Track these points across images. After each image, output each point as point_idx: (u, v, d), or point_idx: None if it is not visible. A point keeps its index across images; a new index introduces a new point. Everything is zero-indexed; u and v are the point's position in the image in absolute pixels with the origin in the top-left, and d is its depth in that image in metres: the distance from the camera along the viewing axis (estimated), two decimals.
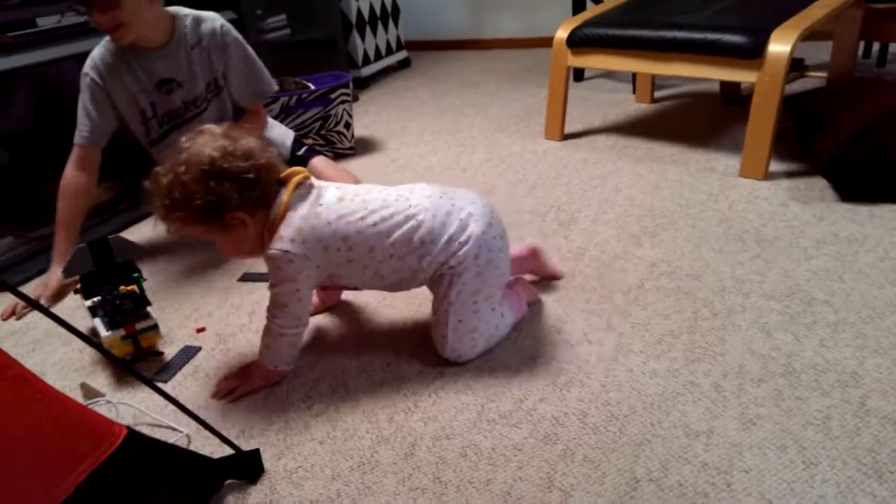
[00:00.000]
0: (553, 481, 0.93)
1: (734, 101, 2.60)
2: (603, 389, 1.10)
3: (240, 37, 1.60)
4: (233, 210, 1.04)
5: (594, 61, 2.18)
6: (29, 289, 1.61)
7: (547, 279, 1.43)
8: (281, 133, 1.91)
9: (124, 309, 1.22)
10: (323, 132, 2.35)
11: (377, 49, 3.61)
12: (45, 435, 0.78)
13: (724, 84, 2.64)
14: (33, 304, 0.80)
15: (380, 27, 3.61)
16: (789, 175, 1.87)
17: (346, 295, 1.45)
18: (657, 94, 2.74)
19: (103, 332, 1.22)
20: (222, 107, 1.65)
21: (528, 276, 1.42)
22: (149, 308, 1.27)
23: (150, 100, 1.57)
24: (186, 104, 1.61)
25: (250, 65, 1.63)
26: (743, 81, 1.93)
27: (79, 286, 1.33)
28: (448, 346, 1.16)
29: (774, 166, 1.91)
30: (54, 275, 1.51)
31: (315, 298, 1.38)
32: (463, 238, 1.11)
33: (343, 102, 2.35)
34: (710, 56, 1.89)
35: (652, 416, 1.03)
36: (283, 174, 1.09)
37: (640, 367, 1.14)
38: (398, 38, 3.83)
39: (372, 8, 3.50)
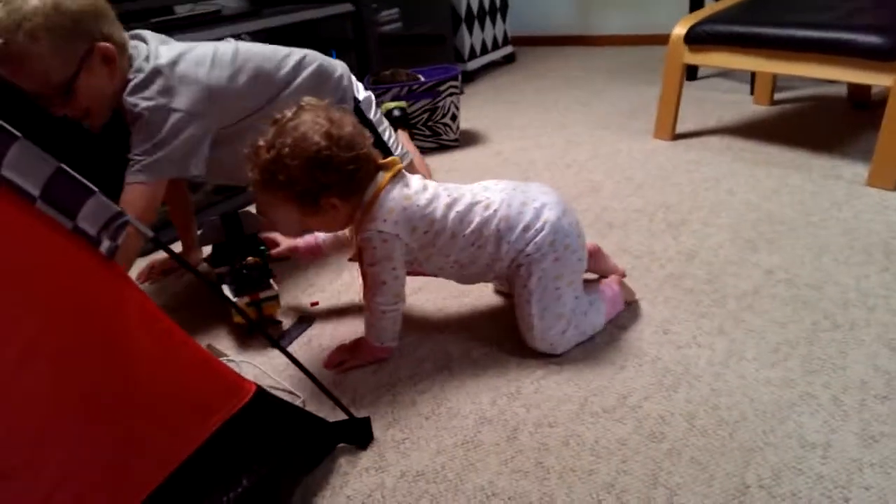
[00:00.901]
0: (658, 479, 0.92)
1: (863, 105, 2.44)
2: (713, 393, 1.08)
3: (151, 120, 1.25)
4: (330, 196, 1.08)
5: (713, 59, 2.11)
6: (144, 264, 1.75)
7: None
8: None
9: (251, 278, 1.31)
10: (430, 123, 2.40)
11: (483, 43, 3.64)
12: (187, 384, 0.86)
13: (852, 87, 2.48)
14: (183, 264, 0.88)
15: (487, 21, 3.64)
16: None
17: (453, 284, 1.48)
18: (777, 95, 2.61)
19: (231, 297, 1.31)
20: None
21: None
22: (271, 279, 1.35)
23: None
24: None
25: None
26: (877, 85, 1.81)
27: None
28: (537, 335, 1.17)
29: None
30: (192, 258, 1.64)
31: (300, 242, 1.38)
32: (538, 225, 1.14)
33: (451, 95, 2.39)
34: (841, 57, 1.79)
35: (765, 424, 1.00)
36: (381, 161, 1.14)
37: (753, 375, 1.11)
38: (504, 33, 3.85)
39: (481, 2, 3.53)
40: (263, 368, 1.24)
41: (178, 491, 0.81)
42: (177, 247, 1.67)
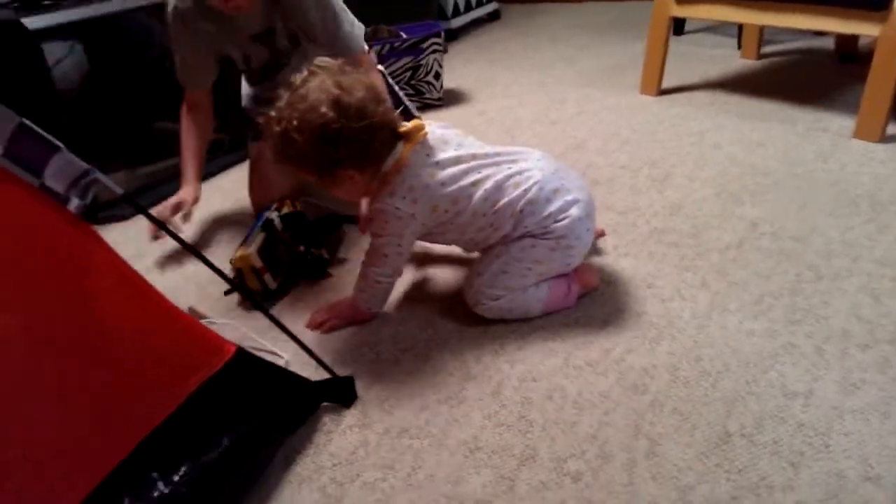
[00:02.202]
0: (640, 429, 0.93)
1: (850, 58, 2.41)
2: (695, 345, 1.08)
3: None
4: (343, 168, 1.04)
5: (700, 11, 2.06)
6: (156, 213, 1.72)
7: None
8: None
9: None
10: (413, 82, 2.35)
11: (467, 1, 3.56)
12: (163, 344, 0.84)
13: (839, 40, 2.45)
14: (162, 226, 0.86)
15: None
16: None
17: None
18: (764, 49, 2.57)
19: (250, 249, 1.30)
20: (307, 60, 1.47)
21: None
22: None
23: (244, 52, 1.50)
24: (272, 60, 1.52)
25: (329, 21, 1.43)
26: (865, 35, 1.78)
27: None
28: (474, 284, 1.14)
29: (893, 129, 1.77)
30: (188, 190, 1.52)
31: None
32: (561, 217, 1.10)
33: (434, 52, 2.34)
34: (829, 6, 1.76)
35: (747, 374, 1.00)
36: (401, 129, 1.07)
37: (735, 326, 1.11)
38: None
39: None
40: (246, 330, 1.23)
41: (157, 451, 0.81)
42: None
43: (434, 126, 1.14)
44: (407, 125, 1.08)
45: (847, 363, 1.01)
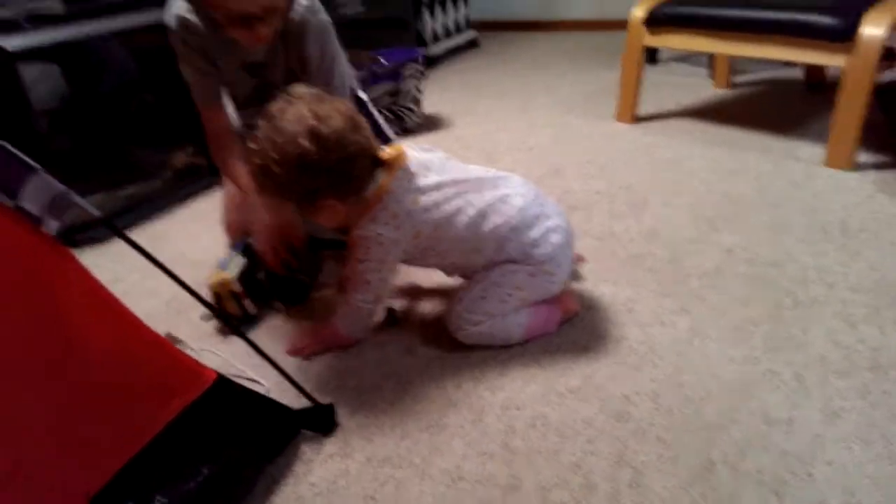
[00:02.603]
0: (624, 457, 0.92)
1: (818, 88, 2.48)
2: (676, 371, 1.08)
3: (325, 32, 1.37)
4: (323, 198, 1.03)
5: (673, 41, 2.11)
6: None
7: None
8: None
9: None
10: (393, 107, 2.36)
11: (446, 28, 3.60)
12: (143, 371, 0.82)
13: (808, 70, 2.53)
14: (140, 250, 0.84)
15: (449, 5, 3.60)
16: (877, 167, 1.79)
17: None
18: (735, 79, 2.64)
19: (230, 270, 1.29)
20: None
21: None
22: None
23: (231, 79, 1.44)
24: (258, 90, 1.46)
25: (325, 68, 1.38)
26: (831, 66, 1.84)
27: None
28: (454, 311, 1.14)
29: (862, 157, 1.83)
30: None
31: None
32: (542, 244, 1.11)
33: (413, 77, 2.36)
34: (797, 38, 1.81)
35: (729, 402, 1.00)
36: (382, 155, 1.07)
37: (716, 353, 1.11)
38: (467, 18, 3.81)
39: None
40: (226, 356, 1.20)
41: (135, 480, 0.78)
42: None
43: (416, 150, 1.13)
44: (388, 151, 1.08)
45: (827, 390, 1.02)
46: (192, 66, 1.36)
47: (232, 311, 1.29)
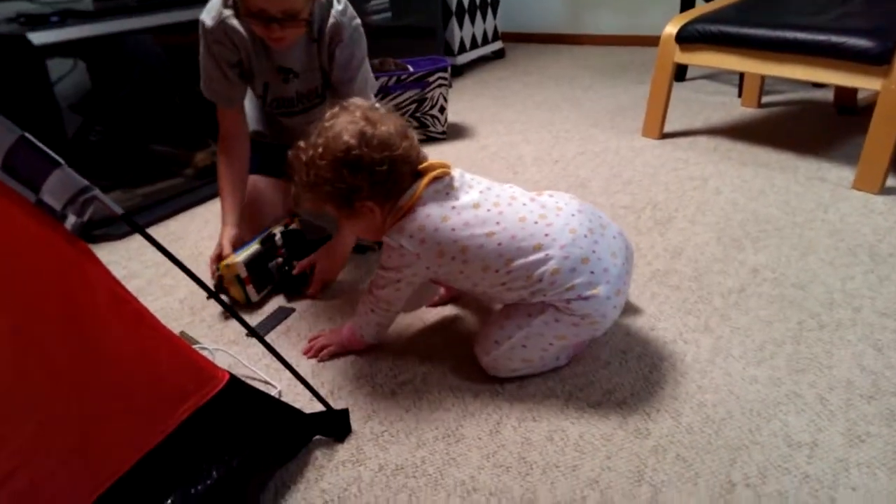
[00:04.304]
0: (643, 475, 0.90)
1: (848, 111, 2.45)
2: (698, 390, 1.06)
3: (358, 38, 1.40)
4: (362, 199, 1.03)
5: (704, 59, 2.10)
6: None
7: None
8: None
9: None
10: (418, 115, 2.37)
11: (473, 38, 3.61)
12: (158, 369, 0.82)
13: (839, 93, 2.49)
14: (162, 251, 0.84)
15: (478, 16, 3.61)
16: None
17: None
18: (764, 99, 2.61)
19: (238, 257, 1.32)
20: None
21: None
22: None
23: (265, 80, 1.47)
24: (300, 95, 1.49)
25: (352, 69, 1.41)
26: (866, 89, 1.81)
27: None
28: (491, 357, 1.08)
29: (892, 181, 1.79)
30: (227, 236, 1.40)
31: (442, 290, 1.36)
32: (586, 294, 1.00)
33: (440, 86, 2.36)
34: (832, 59, 1.79)
35: (751, 423, 0.98)
36: (421, 165, 1.05)
37: (739, 373, 1.09)
38: (495, 29, 3.82)
39: None
40: (239, 357, 1.20)
41: (144, 481, 0.78)
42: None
43: (463, 171, 1.10)
44: (430, 163, 1.06)
45: (851, 414, 0.99)
46: (218, 68, 1.38)
47: (234, 296, 1.33)
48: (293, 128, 1.52)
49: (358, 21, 1.39)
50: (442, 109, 2.40)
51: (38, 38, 1.59)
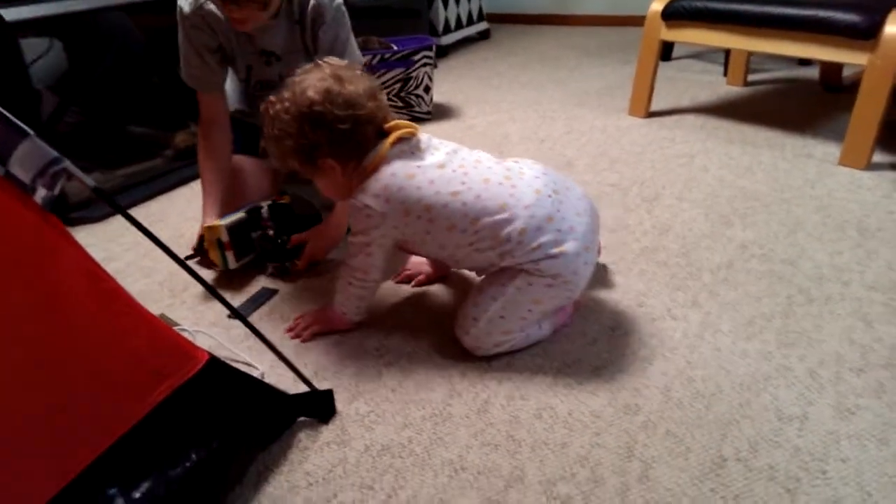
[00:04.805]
0: (633, 451, 0.89)
1: (834, 88, 2.44)
2: (688, 366, 1.05)
3: (341, 17, 1.36)
4: (323, 156, 1.03)
5: (690, 35, 2.08)
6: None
7: None
8: None
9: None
10: (402, 94, 2.33)
11: (458, 18, 3.57)
12: (133, 349, 0.79)
13: (824, 70, 2.49)
14: (140, 228, 0.81)
15: None
16: (894, 167, 1.75)
17: None
18: (750, 77, 2.60)
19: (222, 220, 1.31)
20: None
21: None
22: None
23: (248, 63, 1.43)
24: (284, 78, 1.37)
25: (337, 51, 1.34)
26: (852, 64, 1.80)
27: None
28: (472, 332, 1.06)
29: (878, 157, 1.79)
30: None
31: (428, 268, 1.34)
32: (553, 251, 0.99)
33: (425, 65, 2.32)
34: (818, 34, 1.77)
35: (741, 397, 0.97)
36: (387, 125, 1.05)
37: (728, 347, 1.08)
38: (480, 9, 3.77)
39: None
40: (221, 339, 1.18)
41: (121, 463, 0.75)
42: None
43: (431, 136, 1.10)
44: (395, 123, 1.05)
45: (841, 387, 0.98)
46: (198, 55, 1.36)
47: (213, 259, 1.33)
48: None
49: (339, 1, 1.36)
50: (427, 89, 2.37)
51: (10, 13, 1.54)
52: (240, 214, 1.36)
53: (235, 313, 0.91)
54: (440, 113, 2.47)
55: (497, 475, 0.87)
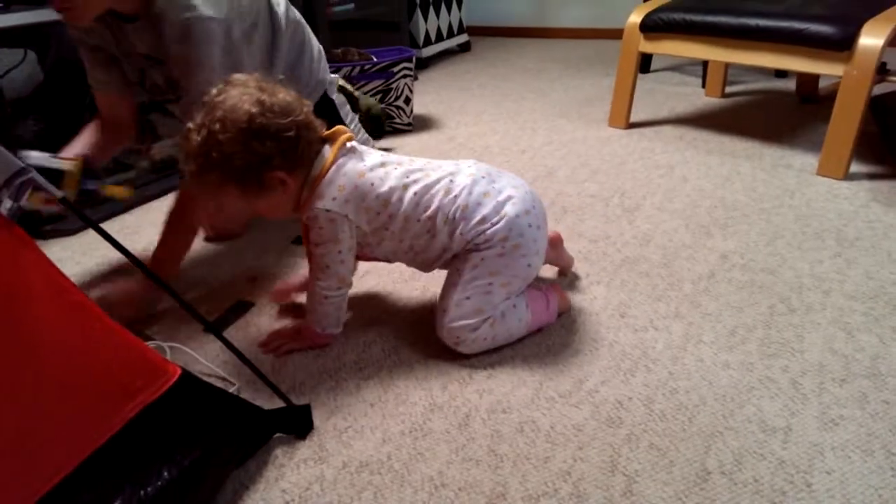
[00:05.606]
0: (616, 465, 0.88)
1: (810, 100, 2.48)
2: (671, 377, 1.04)
3: (189, 29, 1.14)
4: (272, 170, 0.98)
5: (668, 47, 2.09)
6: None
7: (560, 271, 1.36)
8: None
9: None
10: (382, 105, 2.32)
11: (439, 30, 3.57)
12: (101, 364, 0.76)
13: (801, 82, 2.52)
14: (95, 227, 0.78)
15: (443, 8, 3.57)
16: (871, 177, 1.77)
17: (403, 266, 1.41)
18: (728, 89, 2.63)
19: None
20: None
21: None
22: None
23: (140, 67, 1.32)
24: (170, 84, 1.31)
25: (190, 67, 1.18)
26: (828, 75, 1.82)
27: None
28: (447, 322, 1.06)
29: (855, 167, 1.81)
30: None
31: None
32: (495, 219, 1.05)
33: (405, 77, 2.32)
34: (795, 46, 1.79)
35: (724, 408, 0.96)
36: (326, 132, 1.06)
37: (711, 358, 1.07)
38: (460, 21, 3.79)
39: None
40: (196, 354, 1.14)
41: (89, 482, 0.72)
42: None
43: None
44: (335, 129, 1.07)
45: (825, 398, 0.98)
46: (86, 52, 1.32)
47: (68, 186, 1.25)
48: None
49: (194, 15, 1.13)
50: (407, 100, 2.36)
51: None
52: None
53: (210, 328, 0.88)
54: (421, 124, 2.46)
55: (478, 491, 0.85)
